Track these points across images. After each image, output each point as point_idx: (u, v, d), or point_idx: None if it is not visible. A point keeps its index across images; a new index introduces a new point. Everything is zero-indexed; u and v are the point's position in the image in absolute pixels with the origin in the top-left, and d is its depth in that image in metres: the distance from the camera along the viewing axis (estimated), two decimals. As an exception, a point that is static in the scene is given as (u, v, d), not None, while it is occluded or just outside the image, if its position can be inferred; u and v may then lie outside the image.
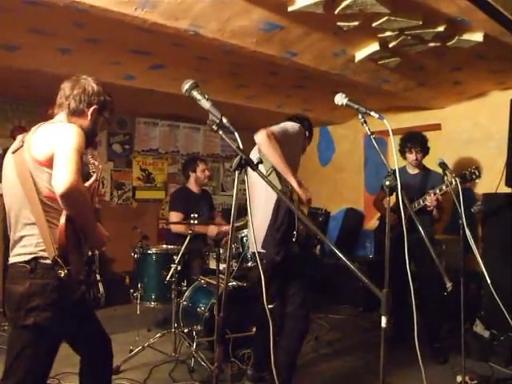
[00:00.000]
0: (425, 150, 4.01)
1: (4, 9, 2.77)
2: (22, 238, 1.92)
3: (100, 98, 2.11)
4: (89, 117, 2.08)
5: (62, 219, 1.81)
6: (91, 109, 2.07)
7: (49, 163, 1.83)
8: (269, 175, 2.79)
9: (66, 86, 2.09)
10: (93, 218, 1.98)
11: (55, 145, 1.83)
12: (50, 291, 1.84)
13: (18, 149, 1.94)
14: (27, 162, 1.87)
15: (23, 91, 4.79)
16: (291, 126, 3.03)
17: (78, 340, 2.17)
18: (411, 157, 4.00)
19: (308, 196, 2.86)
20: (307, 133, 3.30)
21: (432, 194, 3.72)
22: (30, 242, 1.89)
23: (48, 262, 1.84)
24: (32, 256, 1.87)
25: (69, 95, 2.06)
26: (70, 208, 1.80)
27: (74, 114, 2.06)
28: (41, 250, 1.87)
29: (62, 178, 1.72)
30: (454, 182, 3.33)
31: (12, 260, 1.95)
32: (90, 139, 2.06)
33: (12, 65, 3.69)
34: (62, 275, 1.81)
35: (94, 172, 2.08)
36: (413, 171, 4.09)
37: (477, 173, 3.60)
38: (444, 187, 3.60)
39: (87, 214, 1.91)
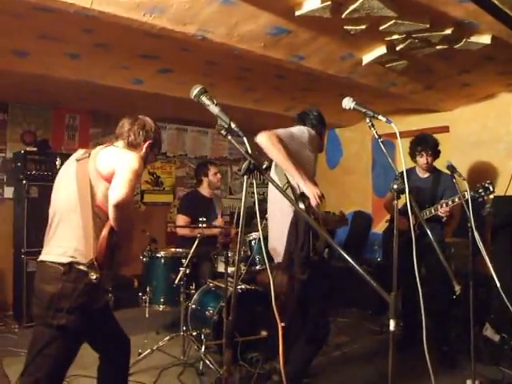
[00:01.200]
0: (435, 153, 3.96)
1: (14, 15, 2.81)
2: (61, 238, 2.05)
3: (155, 135, 2.38)
4: (143, 150, 2.31)
5: (105, 231, 1.98)
6: (147, 143, 2.32)
7: (108, 178, 2.03)
8: (285, 190, 2.76)
9: (126, 122, 2.36)
10: (131, 236, 2.17)
11: (118, 164, 2.02)
12: (78, 296, 1.95)
13: (83, 159, 2.13)
14: (90, 171, 2.06)
15: (33, 96, 4.84)
16: (297, 129, 2.92)
17: (99, 340, 2.28)
18: (422, 160, 3.94)
19: (316, 192, 2.72)
20: (321, 126, 3.14)
21: (444, 205, 3.66)
22: (70, 245, 2.01)
23: (82, 268, 1.97)
24: (69, 260, 1.98)
25: (129, 129, 2.32)
26: (117, 218, 1.97)
27: (131, 145, 2.29)
28: (79, 255, 1.99)
29: (119, 191, 1.92)
30: (466, 196, 3.28)
31: (45, 258, 2.05)
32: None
33: (22, 70, 3.73)
34: (94, 278, 1.94)
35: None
36: (423, 175, 4.05)
37: (491, 188, 3.51)
38: (457, 199, 3.54)
39: (129, 227, 2.10)
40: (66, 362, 2.08)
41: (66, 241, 2.02)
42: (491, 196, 3.77)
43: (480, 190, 3.52)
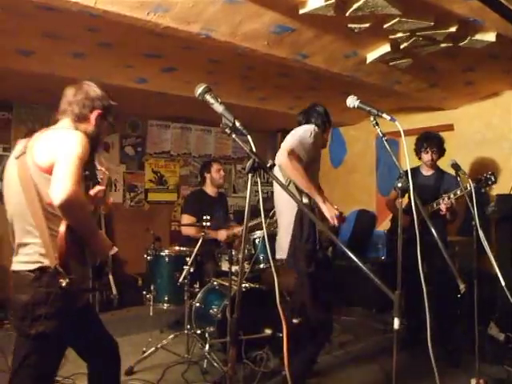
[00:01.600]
0: (440, 151, 3.98)
1: (19, 14, 2.82)
2: (25, 245, 1.91)
3: (103, 103, 2.10)
4: (93, 122, 2.07)
5: (62, 227, 1.79)
6: (95, 113, 2.06)
7: (51, 170, 1.81)
8: (288, 185, 2.78)
9: (68, 93, 2.08)
10: (93, 227, 1.95)
11: (57, 152, 1.81)
12: (54, 300, 1.81)
13: (21, 155, 1.92)
14: (30, 168, 1.86)
15: (37, 95, 4.86)
16: (305, 131, 2.96)
17: (84, 346, 2.14)
18: (427, 157, 3.97)
19: (335, 213, 2.79)
20: (326, 123, 3.20)
21: (446, 199, 3.68)
22: (34, 250, 1.87)
23: (51, 267, 1.83)
24: (37, 265, 1.85)
25: (72, 101, 2.05)
26: (69, 218, 1.79)
27: (78, 119, 2.04)
28: (44, 259, 1.85)
29: (60, 189, 1.71)
30: (468, 187, 3.28)
31: (16, 267, 1.93)
32: (95, 144, 2.06)
33: (26, 69, 3.74)
34: (64, 284, 1.78)
35: (101, 179, 2.14)
36: (427, 172, 4.06)
37: (493, 178, 3.54)
38: (459, 192, 3.55)
39: (86, 223, 1.90)
40: (51, 371, 1.97)
41: (30, 247, 1.89)
42: (495, 190, 3.78)
43: (482, 181, 3.53)
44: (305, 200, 2.76)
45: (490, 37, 3.12)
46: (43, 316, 1.80)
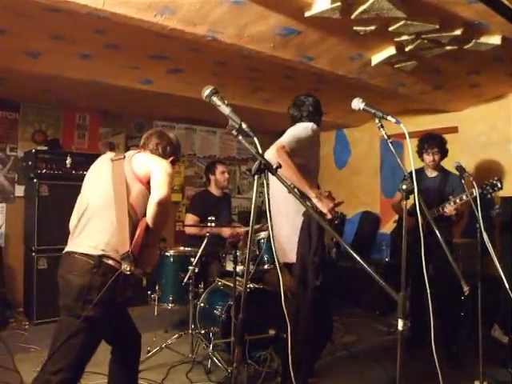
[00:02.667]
0: (443, 152, 3.97)
1: (27, 16, 2.85)
2: (92, 232, 2.13)
3: (178, 152, 2.59)
4: None
5: (141, 228, 2.12)
6: (171, 158, 2.48)
7: (143, 180, 2.20)
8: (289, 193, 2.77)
9: (153, 135, 2.50)
10: (161, 235, 2.39)
11: (154, 167, 2.20)
12: (106, 289, 2.02)
13: (118, 159, 2.28)
14: (126, 172, 2.21)
15: (44, 96, 4.90)
16: (303, 129, 2.97)
17: (113, 332, 2.33)
18: (428, 158, 3.96)
19: (329, 207, 2.78)
20: (318, 116, 3.21)
21: (452, 203, 3.67)
22: (102, 239, 2.09)
23: (111, 262, 2.06)
24: (100, 253, 2.06)
25: (158, 143, 2.47)
26: (157, 215, 2.12)
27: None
28: (110, 249, 2.08)
29: (161, 190, 2.10)
30: (474, 193, 3.28)
31: (75, 249, 2.12)
32: None
33: (34, 70, 3.77)
34: (128, 269, 2.03)
35: None
36: (431, 174, 4.05)
37: (499, 185, 3.51)
38: (464, 197, 3.54)
39: (163, 226, 2.25)
40: (89, 354, 2.13)
41: (98, 234, 2.11)
42: (499, 192, 3.77)
43: (488, 187, 3.52)
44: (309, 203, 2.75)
45: (495, 40, 3.13)
46: (95, 301, 2.00)
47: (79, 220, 2.20)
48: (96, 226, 2.14)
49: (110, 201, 2.14)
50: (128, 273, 2.04)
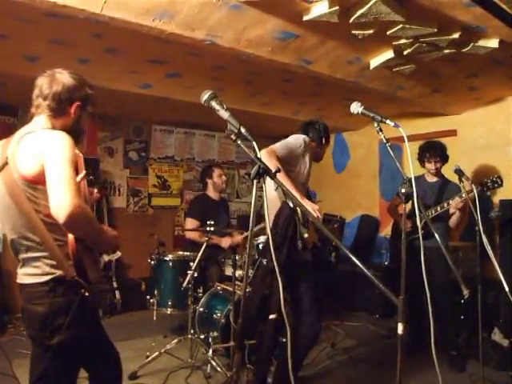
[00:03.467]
0: (444, 159, 4.00)
1: (26, 20, 2.84)
2: (32, 258, 1.78)
3: (82, 93, 1.93)
4: (72, 115, 1.92)
5: (71, 235, 1.72)
6: (74, 106, 1.90)
7: (40, 179, 1.67)
8: (275, 189, 2.80)
9: (42, 84, 1.89)
10: (98, 229, 1.83)
11: (44, 158, 1.66)
12: (75, 308, 1.73)
13: (3, 167, 1.75)
14: (17, 181, 1.71)
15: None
16: (294, 139, 3.06)
17: (93, 355, 2.00)
18: (430, 166, 3.99)
19: (315, 207, 2.77)
20: (323, 139, 3.34)
21: (457, 198, 3.67)
22: (44, 263, 1.76)
23: (67, 279, 1.74)
24: (49, 277, 1.75)
25: (47, 94, 1.86)
26: (75, 233, 1.71)
27: (56, 115, 1.88)
28: (56, 270, 1.76)
29: (62, 205, 1.57)
30: (473, 191, 3.27)
31: (25, 280, 1.82)
32: (76, 138, 1.86)
33: (32, 75, 3.73)
34: (87, 294, 1.74)
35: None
36: (431, 179, 4.08)
37: (499, 181, 3.54)
38: (464, 195, 3.55)
39: (94, 231, 1.79)
40: (72, 379, 1.90)
41: (38, 260, 1.77)
42: (498, 195, 3.76)
43: (488, 183, 3.53)
44: (290, 203, 2.78)
45: (493, 43, 3.13)
46: (64, 325, 1.72)
47: (13, 250, 1.85)
48: (28, 253, 1.78)
49: (24, 222, 1.73)
50: (88, 295, 1.74)
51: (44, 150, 1.68)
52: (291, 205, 2.74)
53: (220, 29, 2.86)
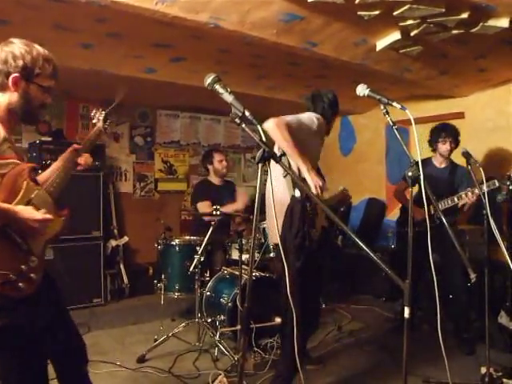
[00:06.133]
0: (457, 142, 3.97)
1: (29, 6, 2.82)
2: None
3: (19, 63, 1.69)
4: (12, 89, 1.72)
5: None
6: (12, 78, 1.69)
7: None
8: (285, 176, 2.74)
9: None
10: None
11: None
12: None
13: None
14: None
15: (47, 86, 4.87)
16: (307, 117, 2.93)
17: (55, 347, 1.92)
18: (445, 147, 3.94)
19: (318, 183, 2.68)
20: (331, 114, 3.17)
21: (470, 193, 3.66)
22: None
23: None
24: None
25: None
26: None
27: None
28: None
29: None
30: (491, 186, 3.27)
31: None
32: (27, 115, 1.78)
33: (36, 60, 3.75)
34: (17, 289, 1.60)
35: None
36: (440, 165, 4.05)
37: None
38: (476, 190, 3.52)
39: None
40: (33, 367, 1.78)
41: None
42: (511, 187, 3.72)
43: (508, 183, 3.45)
44: (297, 194, 2.72)
45: (503, 22, 3.06)
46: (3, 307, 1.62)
47: None
48: None
49: None
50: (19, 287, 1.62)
51: None
52: (298, 194, 2.70)
53: (224, 11, 2.83)
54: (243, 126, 1.65)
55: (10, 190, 1.67)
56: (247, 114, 1.64)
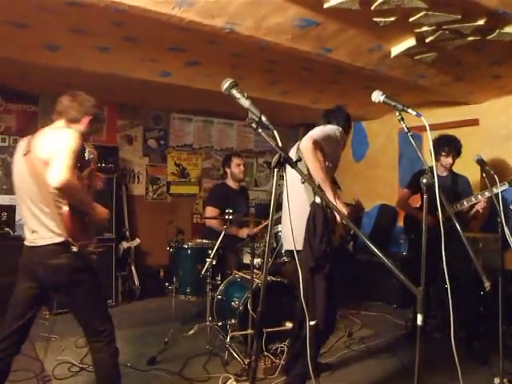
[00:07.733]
0: (459, 154, 4.05)
1: (47, 9, 2.86)
2: (43, 224, 2.28)
3: (95, 111, 2.55)
4: (84, 125, 2.48)
5: (65, 207, 2.23)
6: (87, 118, 2.49)
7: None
8: (302, 183, 2.79)
9: (65, 99, 2.49)
10: (88, 201, 2.38)
11: (55, 146, 2.19)
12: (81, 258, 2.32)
13: (27, 153, 2.30)
14: (36, 163, 2.25)
15: (63, 89, 4.87)
16: (333, 130, 3.03)
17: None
18: (447, 160, 4.02)
19: (344, 212, 2.80)
20: (347, 128, 3.31)
21: (479, 196, 3.72)
22: (52, 230, 2.26)
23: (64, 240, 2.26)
24: (62, 239, 2.26)
25: (69, 106, 2.46)
26: (66, 197, 2.21)
27: (72, 121, 2.45)
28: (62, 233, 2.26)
29: (55, 175, 2.10)
30: (496, 189, 3.26)
31: (40, 242, 2.29)
32: (84, 139, 2.43)
33: (53, 63, 3.80)
34: (74, 249, 2.25)
35: (91, 156, 2.54)
36: (442, 173, 4.10)
37: None
38: (487, 193, 3.56)
39: (82, 198, 2.32)
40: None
41: (50, 225, 2.26)
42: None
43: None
44: (317, 200, 2.76)
45: (520, 29, 3.05)
46: (81, 268, 2.34)
47: (25, 218, 2.38)
48: (42, 220, 2.29)
49: (38, 196, 2.27)
50: (76, 250, 2.28)
51: (57, 140, 2.24)
52: (318, 200, 2.74)
53: (239, 16, 2.85)
54: (259, 130, 1.66)
55: None
56: (264, 119, 1.65)
